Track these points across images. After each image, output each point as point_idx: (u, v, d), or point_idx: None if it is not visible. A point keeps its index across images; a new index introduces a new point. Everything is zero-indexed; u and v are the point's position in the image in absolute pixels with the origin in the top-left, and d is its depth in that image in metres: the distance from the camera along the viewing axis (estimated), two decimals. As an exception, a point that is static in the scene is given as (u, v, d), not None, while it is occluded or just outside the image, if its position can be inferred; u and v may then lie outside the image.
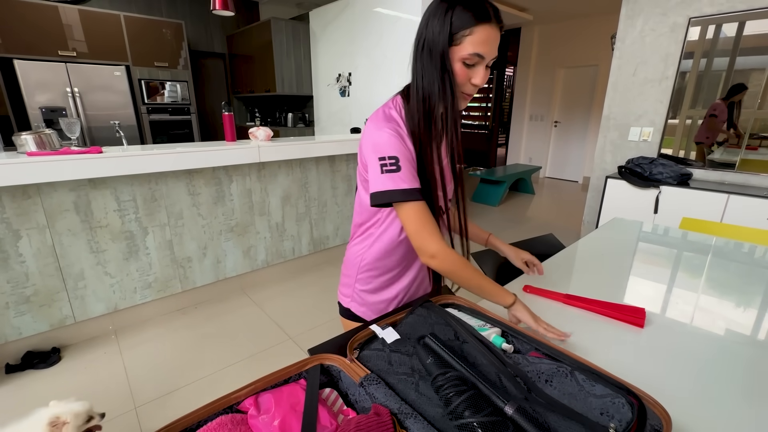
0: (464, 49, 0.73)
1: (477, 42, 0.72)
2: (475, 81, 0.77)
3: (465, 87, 0.78)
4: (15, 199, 1.71)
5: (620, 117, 3.23)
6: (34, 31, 3.48)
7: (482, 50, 0.73)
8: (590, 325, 0.96)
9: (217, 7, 2.24)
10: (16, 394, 1.67)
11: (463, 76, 0.76)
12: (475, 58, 0.74)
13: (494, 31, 0.73)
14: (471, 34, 0.72)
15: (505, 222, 4.38)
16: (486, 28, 0.72)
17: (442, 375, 0.59)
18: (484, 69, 0.76)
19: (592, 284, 1.21)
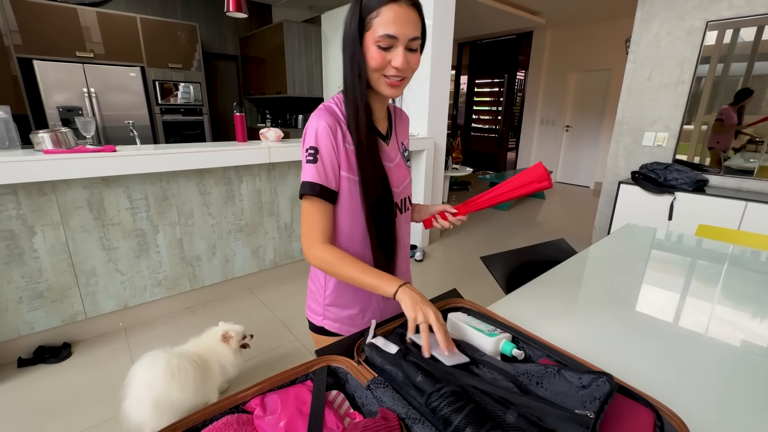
0: (375, 32, 0.70)
1: (386, 22, 0.69)
2: (395, 63, 0.72)
3: (386, 70, 0.74)
4: (31, 196, 1.75)
5: (634, 122, 3.18)
6: (53, 32, 3.56)
7: (393, 30, 0.70)
8: (602, 333, 0.94)
9: (231, 9, 2.26)
10: (28, 388, 1.70)
11: (381, 60, 0.72)
12: (387, 39, 0.70)
13: (404, 10, 0.70)
14: (378, 16, 0.69)
15: (514, 227, 4.34)
16: (393, 7, 0.69)
17: (436, 392, 0.58)
18: (402, 51, 0.72)
19: (604, 291, 1.19)
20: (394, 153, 0.90)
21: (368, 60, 0.73)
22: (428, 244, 3.60)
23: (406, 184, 0.93)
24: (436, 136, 3.37)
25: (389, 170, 0.87)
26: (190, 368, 1.35)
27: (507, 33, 6.94)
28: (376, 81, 0.77)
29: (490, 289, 2.70)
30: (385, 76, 0.75)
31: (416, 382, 0.62)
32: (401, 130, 0.95)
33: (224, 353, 1.51)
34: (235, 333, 1.54)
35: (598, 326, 0.97)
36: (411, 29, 0.72)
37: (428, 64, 3.15)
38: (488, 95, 7.73)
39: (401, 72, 0.74)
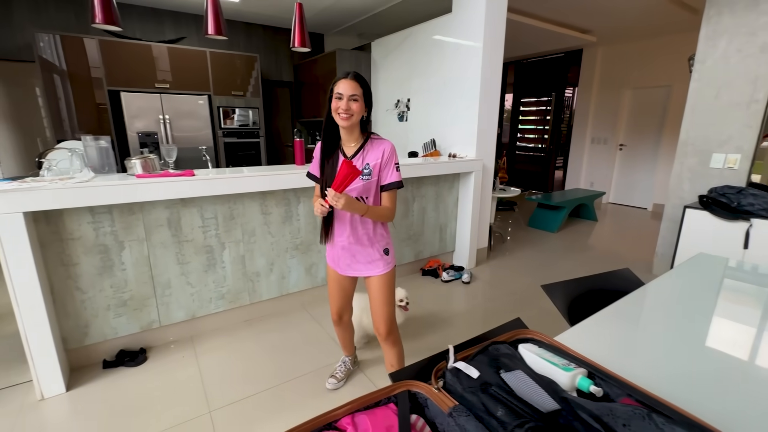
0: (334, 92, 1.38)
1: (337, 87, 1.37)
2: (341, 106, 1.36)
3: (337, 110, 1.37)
4: (123, 215, 1.97)
5: (700, 142, 3.00)
6: (136, 67, 4.02)
7: (340, 90, 1.36)
8: (677, 370, 0.90)
9: (296, 45, 2.46)
10: (112, 388, 1.87)
11: (335, 105, 1.37)
12: (338, 94, 1.36)
13: (347, 82, 1.36)
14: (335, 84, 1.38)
15: (564, 250, 4.17)
16: (342, 81, 1.37)
17: (519, 428, 0.59)
18: (345, 100, 1.35)
19: (678, 326, 1.13)
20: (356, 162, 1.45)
21: (332, 105, 1.38)
22: (475, 266, 3.56)
23: (357, 186, 1.42)
24: (485, 158, 3.37)
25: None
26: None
27: (555, 52, 6.84)
28: (336, 116, 1.38)
29: (542, 315, 2.62)
30: (338, 113, 1.37)
31: (498, 415, 0.64)
32: (370, 154, 1.45)
33: None
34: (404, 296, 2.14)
35: (672, 363, 0.93)
36: (350, 90, 1.36)
37: (477, 87, 3.20)
38: (534, 114, 7.60)
39: (345, 112, 1.36)
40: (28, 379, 1.89)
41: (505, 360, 0.77)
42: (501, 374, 0.73)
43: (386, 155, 1.44)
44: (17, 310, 1.67)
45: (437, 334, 2.41)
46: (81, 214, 1.86)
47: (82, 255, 1.91)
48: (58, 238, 1.84)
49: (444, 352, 0.93)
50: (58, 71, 3.69)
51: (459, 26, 3.31)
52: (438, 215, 3.36)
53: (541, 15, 4.75)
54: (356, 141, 1.46)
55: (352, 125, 1.40)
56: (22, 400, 1.78)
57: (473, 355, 0.81)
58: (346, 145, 1.47)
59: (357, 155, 1.44)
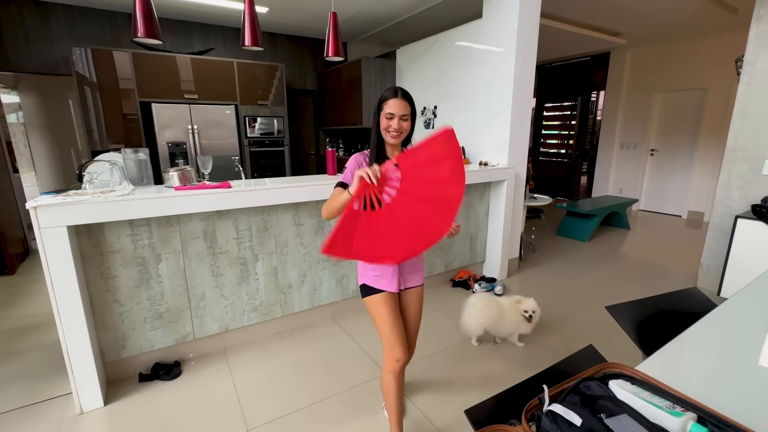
0: (384, 110, 1.37)
1: (389, 106, 1.36)
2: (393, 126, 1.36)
3: (388, 129, 1.38)
4: (160, 227, 1.97)
5: (751, 148, 2.83)
6: (166, 78, 4.10)
7: (392, 110, 1.36)
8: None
9: (330, 54, 2.44)
10: (149, 403, 1.85)
11: (386, 124, 1.37)
12: (389, 114, 1.36)
13: (398, 101, 1.36)
14: (386, 102, 1.37)
15: (597, 260, 4.01)
16: (393, 100, 1.36)
17: None
18: (397, 120, 1.36)
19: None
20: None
21: (381, 123, 1.39)
22: (507, 277, 3.45)
23: None
24: (517, 166, 3.27)
25: None
26: (493, 308, 2.22)
27: (581, 55, 6.68)
28: (385, 134, 1.40)
29: (587, 332, 2.49)
30: (388, 131, 1.38)
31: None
32: None
33: (512, 314, 2.22)
34: (524, 305, 2.21)
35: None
36: (401, 110, 1.36)
37: (510, 93, 3.11)
38: (558, 119, 7.43)
39: (396, 131, 1.38)
40: (67, 392, 1.89)
41: (603, 402, 0.69)
42: (604, 420, 0.65)
43: None
44: (59, 324, 1.67)
45: (483, 355, 2.31)
46: (121, 227, 1.86)
47: (121, 267, 1.91)
48: (99, 251, 1.84)
49: (521, 385, 0.86)
50: (89, 83, 3.79)
51: (490, 32, 3.24)
52: (468, 225, 3.27)
53: (571, 18, 4.64)
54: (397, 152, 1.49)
55: (401, 142, 1.45)
56: (61, 414, 1.77)
57: (564, 394, 0.73)
58: (390, 156, 1.48)
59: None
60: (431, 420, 1.74)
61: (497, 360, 2.22)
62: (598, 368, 0.82)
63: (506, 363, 2.19)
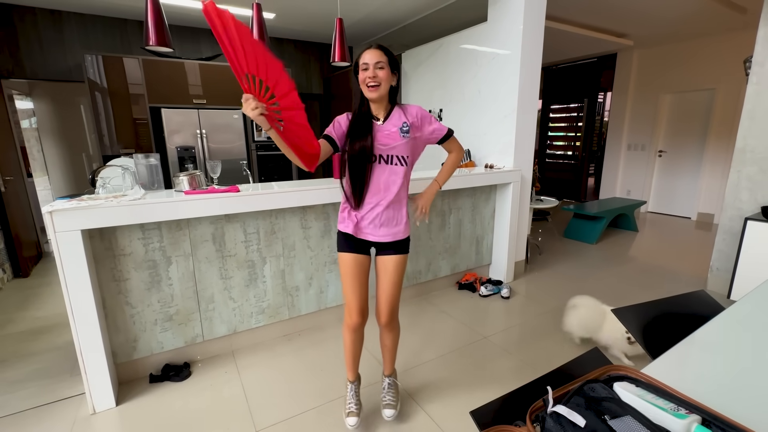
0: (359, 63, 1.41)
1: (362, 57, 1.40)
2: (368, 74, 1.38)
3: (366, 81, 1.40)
4: (171, 230, 2.00)
5: (761, 149, 2.80)
6: (175, 84, 4.17)
7: (365, 60, 1.38)
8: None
9: (337, 60, 2.47)
10: (159, 404, 1.88)
11: (362, 76, 1.40)
12: (364, 65, 1.39)
13: (371, 51, 1.38)
14: (360, 56, 1.40)
15: (604, 262, 3.98)
16: (366, 51, 1.39)
17: None
18: (372, 69, 1.37)
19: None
20: (386, 128, 1.46)
21: (360, 78, 1.42)
22: (513, 279, 3.44)
23: (394, 145, 1.46)
24: (523, 169, 3.27)
25: (377, 136, 1.45)
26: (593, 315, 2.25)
27: (587, 57, 6.66)
28: (364, 89, 1.41)
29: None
30: (366, 85, 1.40)
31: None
32: (401, 117, 1.48)
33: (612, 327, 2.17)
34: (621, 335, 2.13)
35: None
36: (375, 58, 1.37)
37: (515, 96, 3.12)
38: (564, 120, 7.40)
39: (373, 80, 1.38)
40: (80, 392, 1.93)
41: (607, 404, 0.70)
42: (608, 422, 0.66)
43: (419, 112, 1.52)
44: (73, 325, 1.71)
45: (489, 357, 2.32)
46: (132, 231, 1.91)
47: (132, 270, 1.95)
48: (111, 254, 1.88)
49: (527, 387, 0.87)
50: (100, 89, 3.86)
51: (495, 35, 3.25)
52: (474, 227, 3.27)
53: (577, 20, 4.63)
54: (385, 110, 1.49)
55: (381, 96, 1.42)
56: (75, 413, 1.81)
57: (568, 396, 0.74)
58: (375, 113, 1.49)
59: (388, 119, 1.48)
60: (437, 422, 1.75)
61: (504, 362, 2.22)
62: (602, 370, 0.83)
63: (514, 365, 2.18)
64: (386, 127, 1.46)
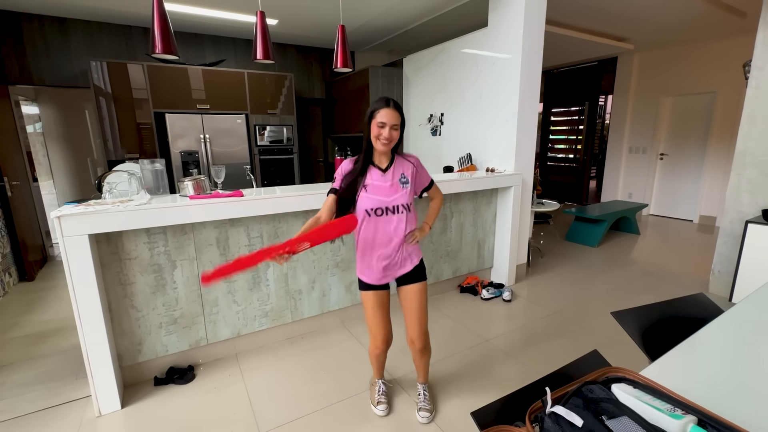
0: (376, 119, 1.48)
1: (381, 116, 1.47)
2: (384, 134, 1.48)
3: (379, 137, 1.49)
4: (175, 235, 2.03)
5: (760, 153, 2.81)
6: (179, 89, 4.22)
7: (383, 120, 1.47)
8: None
9: (339, 66, 2.50)
10: (164, 407, 1.90)
11: (377, 132, 1.49)
12: (382, 123, 1.48)
13: (389, 110, 1.47)
14: (378, 112, 1.48)
15: (606, 265, 3.99)
16: (384, 110, 1.47)
17: None
18: (388, 129, 1.48)
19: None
20: (388, 177, 1.57)
21: (372, 130, 1.50)
22: (515, 283, 3.45)
23: (397, 196, 1.57)
24: (524, 172, 3.29)
25: (379, 188, 1.56)
26: None
27: (588, 60, 6.69)
28: (375, 142, 1.51)
29: (594, 337, 2.48)
30: (379, 139, 1.50)
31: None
32: (400, 167, 1.60)
33: None
34: None
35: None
36: (392, 120, 1.48)
37: (516, 100, 3.15)
38: (565, 124, 7.42)
39: (387, 139, 1.49)
40: (86, 395, 1.95)
41: (605, 405, 0.72)
42: (605, 422, 0.68)
43: (417, 165, 1.66)
44: (80, 328, 1.73)
45: (491, 360, 2.33)
46: (138, 235, 1.93)
47: (138, 274, 1.97)
48: (117, 258, 1.91)
49: (527, 388, 0.88)
50: (105, 95, 3.92)
51: (495, 40, 3.28)
52: (476, 231, 3.29)
53: (577, 25, 4.66)
54: (387, 159, 1.61)
55: (389, 150, 1.57)
56: (81, 416, 1.83)
57: (567, 397, 0.75)
58: (378, 162, 1.60)
59: (389, 170, 1.59)
60: (439, 424, 1.76)
61: (507, 365, 2.23)
62: (601, 372, 0.85)
63: (516, 367, 2.19)
64: (387, 177, 1.57)
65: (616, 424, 0.67)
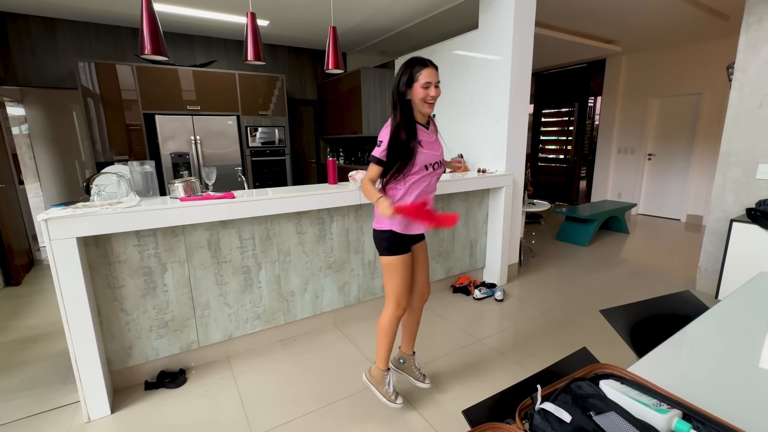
0: (420, 81, 1.51)
1: (425, 75, 1.51)
2: (432, 93, 1.54)
3: (427, 98, 1.54)
4: (166, 237, 2.01)
5: (744, 153, 2.88)
6: (169, 90, 4.18)
7: (429, 79, 1.51)
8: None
9: (330, 67, 2.50)
10: (155, 412, 1.88)
11: (424, 93, 1.53)
12: (427, 84, 1.51)
13: (431, 69, 1.52)
14: (420, 73, 1.51)
15: (597, 264, 4.04)
16: (427, 69, 1.51)
17: None
18: (434, 87, 1.53)
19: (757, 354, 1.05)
20: (432, 133, 1.67)
21: (416, 94, 1.53)
22: (506, 282, 3.48)
23: (441, 150, 1.70)
24: (515, 173, 3.32)
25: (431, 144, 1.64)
26: None
27: (577, 62, 6.78)
28: (422, 105, 1.55)
29: (585, 335, 2.52)
30: (425, 101, 1.54)
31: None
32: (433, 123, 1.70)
33: None
34: None
35: (761, 400, 0.86)
36: (436, 77, 1.54)
37: (506, 102, 3.18)
38: (556, 125, 7.51)
39: (434, 98, 1.55)
40: (75, 400, 1.92)
41: (592, 401, 0.73)
42: (593, 417, 0.69)
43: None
44: (68, 333, 1.71)
45: (483, 359, 2.34)
46: (128, 238, 1.91)
47: (128, 277, 1.95)
48: (106, 261, 1.89)
49: (518, 386, 0.89)
50: (93, 96, 3.87)
51: (486, 42, 3.31)
52: (468, 231, 3.31)
53: (565, 27, 4.73)
54: (423, 117, 1.64)
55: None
56: (70, 422, 1.80)
57: (556, 394, 0.77)
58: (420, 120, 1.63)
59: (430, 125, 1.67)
60: (431, 423, 1.77)
61: (499, 363, 2.24)
62: (589, 369, 0.86)
63: (508, 366, 2.21)
64: (432, 134, 1.67)
65: (603, 420, 0.68)
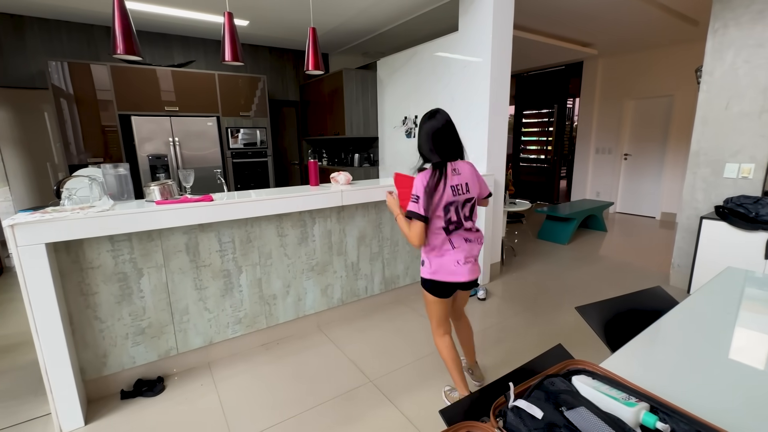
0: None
1: None
2: None
3: None
4: (141, 241, 1.96)
5: (712, 152, 3.00)
6: (146, 91, 4.08)
7: None
8: (735, 398, 0.86)
9: (310, 68, 2.49)
10: (131, 422, 1.83)
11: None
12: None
13: None
14: None
15: (575, 261, 4.13)
16: None
17: None
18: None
19: (724, 346, 1.09)
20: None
21: None
22: (489, 281, 3.52)
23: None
24: (496, 173, 3.37)
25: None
26: None
27: (555, 65, 6.93)
28: None
29: (565, 332, 2.57)
30: None
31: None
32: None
33: None
34: None
35: (733, 391, 0.90)
36: None
37: (486, 103, 3.22)
38: (536, 125, 7.66)
39: None
40: (46, 412, 1.85)
41: (564, 396, 0.75)
42: (564, 413, 0.70)
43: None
44: (38, 343, 1.64)
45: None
46: (101, 243, 1.85)
47: (102, 284, 1.89)
48: (78, 267, 1.82)
49: (494, 384, 0.91)
50: (66, 96, 3.74)
51: (466, 44, 3.35)
52: (451, 231, 3.33)
53: (543, 30, 4.83)
54: None
55: None
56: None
57: (529, 391, 0.78)
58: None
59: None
60: (413, 422, 1.78)
61: (482, 362, 2.27)
62: (562, 365, 0.88)
63: (490, 365, 2.24)
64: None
65: (573, 415, 0.70)
